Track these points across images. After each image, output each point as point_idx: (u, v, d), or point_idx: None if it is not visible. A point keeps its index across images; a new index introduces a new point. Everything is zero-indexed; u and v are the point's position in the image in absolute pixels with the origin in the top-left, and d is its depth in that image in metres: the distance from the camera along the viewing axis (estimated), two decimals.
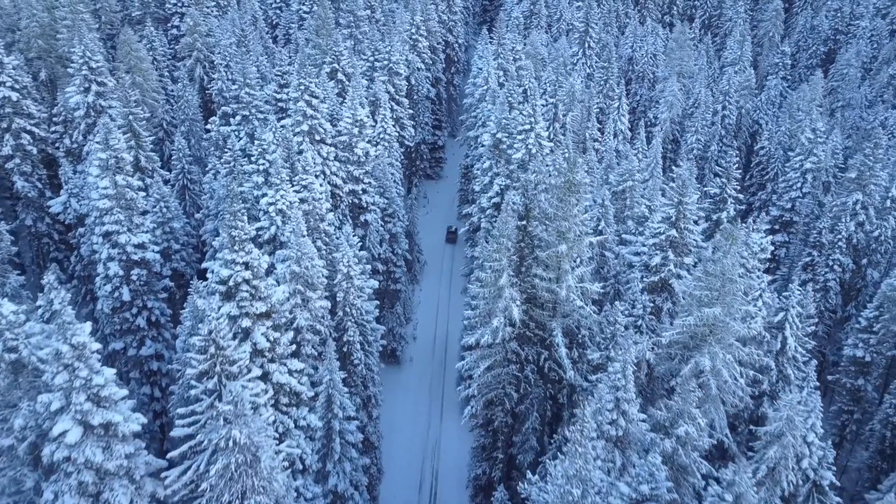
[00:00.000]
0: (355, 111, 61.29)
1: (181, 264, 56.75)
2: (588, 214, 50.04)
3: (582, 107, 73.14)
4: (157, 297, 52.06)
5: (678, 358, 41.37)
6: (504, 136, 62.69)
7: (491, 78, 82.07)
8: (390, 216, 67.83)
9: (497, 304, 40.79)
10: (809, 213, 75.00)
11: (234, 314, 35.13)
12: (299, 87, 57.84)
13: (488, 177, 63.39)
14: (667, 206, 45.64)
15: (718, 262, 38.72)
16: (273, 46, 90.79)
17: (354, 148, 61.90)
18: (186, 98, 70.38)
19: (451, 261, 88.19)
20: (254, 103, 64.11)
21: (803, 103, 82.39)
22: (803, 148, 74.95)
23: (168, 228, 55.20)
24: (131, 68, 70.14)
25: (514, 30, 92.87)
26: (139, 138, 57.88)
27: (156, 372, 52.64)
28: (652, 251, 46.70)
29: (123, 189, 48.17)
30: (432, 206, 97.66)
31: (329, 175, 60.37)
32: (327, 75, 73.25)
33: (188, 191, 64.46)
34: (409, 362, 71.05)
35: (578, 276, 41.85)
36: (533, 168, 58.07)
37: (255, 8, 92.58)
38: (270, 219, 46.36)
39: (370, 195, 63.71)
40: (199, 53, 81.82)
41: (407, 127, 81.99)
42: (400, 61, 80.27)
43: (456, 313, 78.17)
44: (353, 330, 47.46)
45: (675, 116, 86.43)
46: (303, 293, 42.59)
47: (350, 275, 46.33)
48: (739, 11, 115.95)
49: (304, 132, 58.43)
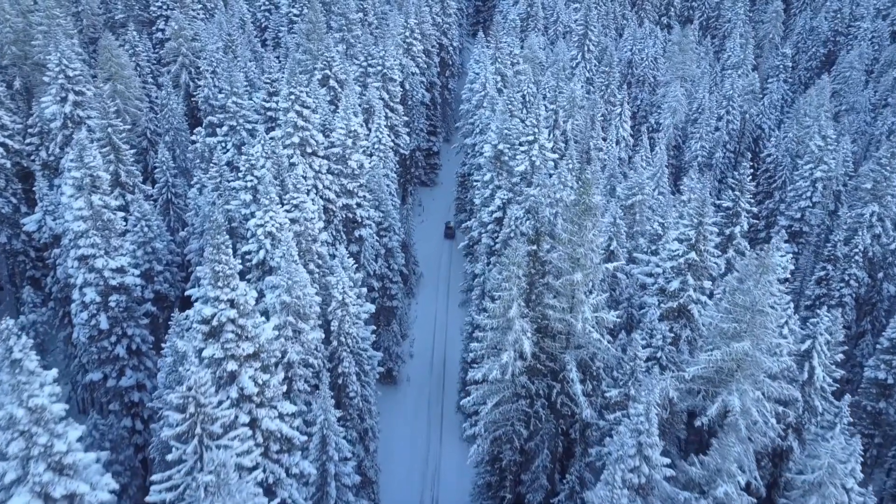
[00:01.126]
0: (349, 121, 57.49)
1: (164, 286, 52.82)
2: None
3: (585, 114, 69.49)
4: (138, 323, 48.19)
5: (702, 394, 37.86)
6: (505, 147, 59.02)
7: (489, 83, 78.39)
8: (386, 230, 64.11)
9: (506, 336, 37.14)
10: (820, 224, 71.77)
11: (219, 357, 31.35)
12: (289, 97, 53.99)
13: (489, 190, 59.72)
14: (685, 228, 42.02)
15: (748, 293, 35.21)
16: (262, 51, 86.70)
17: (348, 160, 58.11)
18: (170, 106, 66.36)
19: (448, 268, 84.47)
20: (241, 113, 60.21)
21: (810, 109, 79.05)
22: (813, 156, 71.63)
23: (150, 249, 51.26)
24: (112, 76, 66.04)
25: (510, 33, 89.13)
26: (119, 152, 53.88)
27: (137, 403, 48.78)
28: (669, 275, 43.12)
29: (100, 210, 44.27)
30: (427, 214, 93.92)
31: (322, 189, 56.56)
32: (318, 82, 69.32)
33: (172, 205, 60.50)
34: (407, 382, 67.33)
35: (594, 305, 38.25)
36: (537, 182, 54.47)
37: (242, 11, 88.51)
38: (259, 242, 42.55)
39: (365, 209, 59.93)
40: (185, 59, 77.76)
41: (402, 134, 78.23)
42: (394, 66, 76.49)
43: (454, 327, 74.54)
44: (348, 360, 43.72)
45: (679, 122, 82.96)
46: (294, 325, 38.83)
47: (345, 301, 42.57)
48: (739, 13, 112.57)
49: (295, 144, 54.59)
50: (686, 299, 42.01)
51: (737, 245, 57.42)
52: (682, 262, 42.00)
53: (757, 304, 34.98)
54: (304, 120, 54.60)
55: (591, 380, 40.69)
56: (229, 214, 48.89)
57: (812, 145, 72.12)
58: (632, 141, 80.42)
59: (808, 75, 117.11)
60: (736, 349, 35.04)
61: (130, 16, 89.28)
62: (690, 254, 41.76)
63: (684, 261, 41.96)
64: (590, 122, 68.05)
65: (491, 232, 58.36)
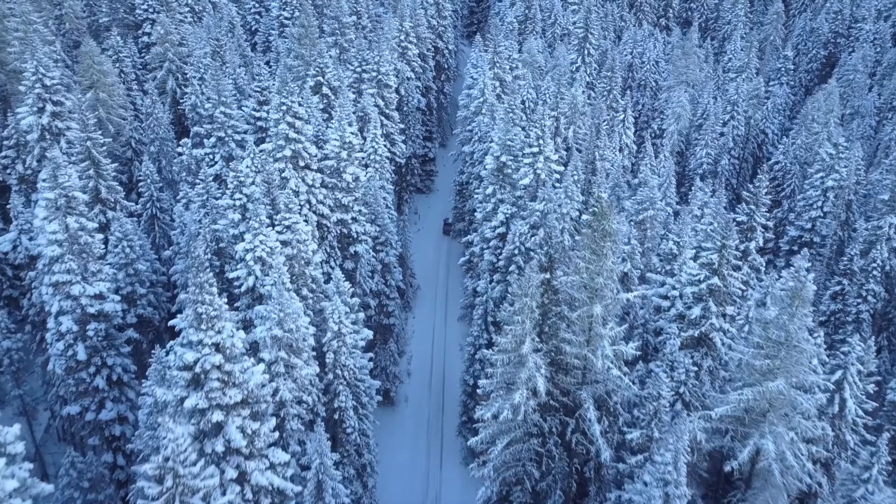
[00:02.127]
0: (343, 132, 53.96)
1: (148, 310, 49.18)
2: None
3: (591, 123, 66.08)
4: (119, 351, 44.60)
5: (730, 434, 34.64)
6: (509, 159, 55.63)
7: (487, 89, 74.92)
8: (382, 244, 60.64)
9: (519, 373, 33.78)
10: (832, 235, 68.66)
11: (202, 407, 27.85)
12: (280, 108, 50.42)
13: (491, 203, 56.34)
14: (707, 252, 38.70)
15: (782, 327, 31.97)
16: (252, 55, 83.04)
17: (343, 173, 54.60)
18: (156, 115, 62.58)
19: (446, 277, 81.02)
20: (230, 123, 56.62)
21: (819, 115, 75.96)
22: (823, 164, 68.48)
23: (132, 271, 47.60)
24: (94, 83, 62.23)
25: (508, 36, 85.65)
26: (99, 166, 50.18)
27: (118, 437, 45.21)
28: (688, 300, 39.89)
29: (76, 233, 40.65)
30: (423, 223, 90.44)
31: (315, 204, 53.06)
32: (311, 89, 65.75)
33: (158, 220, 56.83)
34: (405, 402, 63.86)
35: (612, 337, 34.92)
36: (542, 195, 51.11)
37: (232, 14, 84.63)
38: (248, 268, 39.00)
39: (360, 224, 56.44)
40: (171, 64, 73.98)
41: (397, 143, 74.71)
42: (389, 72, 72.93)
43: (453, 342, 71.26)
44: (345, 394, 40.31)
45: (683, 129, 79.73)
46: (286, 360, 35.38)
47: (341, 332, 39.13)
48: (739, 15, 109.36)
49: (287, 158, 51.05)
50: (708, 328, 38.75)
51: (752, 261, 54.28)
52: (704, 287, 38.74)
53: (792, 338, 31.77)
54: (296, 132, 51.07)
55: (608, 415, 37.40)
56: (216, 234, 45.34)
57: (822, 153, 69.00)
58: (635, 148, 77.11)
59: (809, 77, 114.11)
60: (770, 388, 31.84)
61: (115, 19, 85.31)
62: (713, 279, 38.52)
63: (706, 286, 38.70)
64: (595, 130, 64.65)
65: (493, 248, 55.01)
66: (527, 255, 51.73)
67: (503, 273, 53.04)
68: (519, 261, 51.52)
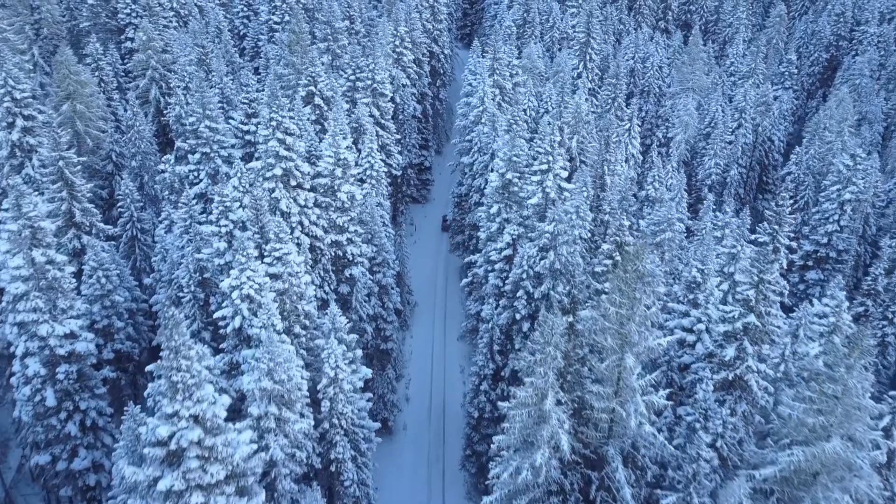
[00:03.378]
0: (338, 148, 49.61)
1: (127, 344, 44.75)
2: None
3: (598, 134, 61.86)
4: (93, 393, 40.24)
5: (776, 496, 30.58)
6: (515, 176, 51.41)
7: (487, 98, 70.66)
8: (379, 265, 56.37)
9: (540, 430, 29.60)
10: (849, 249, 64.82)
11: (179, 489, 23.53)
12: (270, 123, 46.00)
13: (496, 223, 52.10)
14: (745, 287, 34.59)
15: (838, 381, 27.90)
16: (240, 61, 78.55)
17: (337, 192, 50.27)
18: (137, 128, 58.05)
19: (444, 290, 76.74)
20: (216, 138, 52.14)
21: (832, 123, 72.08)
22: (840, 175, 64.57)
23: (108, 302, 43.17)
24: (71, 94, 57.57)
25: (507, 41, 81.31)
26: (73, 188, 45.70)
27: (93, 486, 40.82)
28: (721, 339, 35.81)
29: (43, 267, 36.25)
30: (420, 234, 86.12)
31: (308, 226, 48.73)
32: (302, 99, 61.39)
33: (138, 242, 52.38)
34: (403, 431, 59.61)
35: (643, 388, 30.78)
36: (552, 216, 46.84)
37: (219, 18, 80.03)
38: (235, 307, 34.63)
39: (356, 245, 52.13)
40: (155, 72, 69.30)
41: (393, 154, 70.35)
42: (385, 80, 68.55)
43: (453, 364, 67.11)
44: (342, 444, 36.08)
45: (690, 137, 75.72)
46: (277, 415, 31.09)
47: (337, 377, 34.85)
48: (741, 17, 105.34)
49: (277, 177, 46.68)
50: (744, 370, 34.67)
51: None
52: (739, 325, 34.66)
53: (851, 394, 27.72)
54: (286, 149, 46.68)
55: (635, 469, 33.31)
56: (200, 264, 40.94)
57: (839, 164, 65.10)
58: (640, 158, 73.03)
59: (811, 81, 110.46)
60: (825, 449, 27.79)
61: (96, 24, 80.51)
62: (749, 317, 34.42)
63: (741, 324, 34.62)
64: (604, 143, 60.47)
65: (499, 271, 50.76)
66: (536, 279, 47.63)
67: (510, 298, 48.82)
68: (527, 286, 47.36)
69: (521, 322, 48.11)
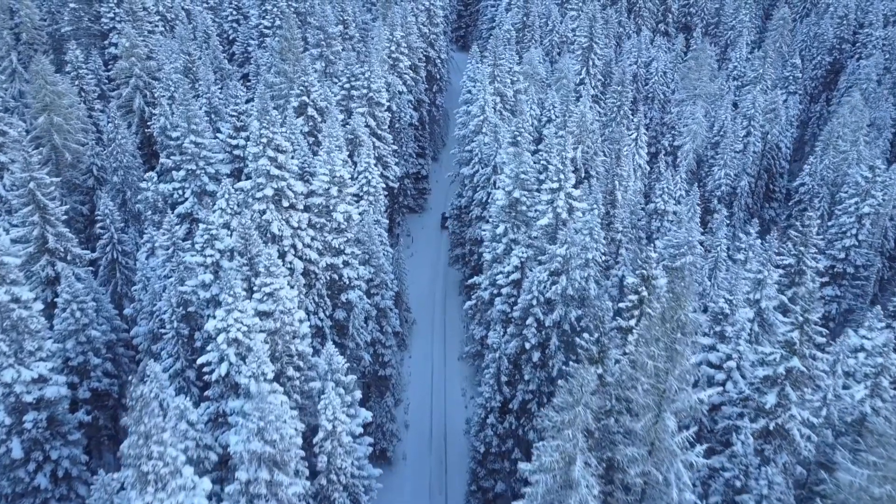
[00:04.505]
0: (333, 165, 45.67)
1: (104, 381, 40.73)
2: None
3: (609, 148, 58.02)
4: (66, 440, 36.22)
5: None
6: (523, 194, 47.61)
7: (487, 106, 66.78)
8: (377, 287, 52.50)
9: (567, 498, 25.81)
10: (868, 265, 61.40)
11: None
12: (260, 140, 42.01)
13: (502, 244, 48.32)
14: (788, 328, 30.92)
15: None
16: (229, 67, 74.34)
17: (333, 212, 46.36)
18: (118, 142, 53.98)
19: (443, 309, 72.87)
20: (202, 154, 48.15)
21: (846, 132, 68.57)
22: (858, 188, 61.10)
23: (84, 338, 39.15)
24: (47, 106, 53.51)
25: (507, 45, 77.34)
26: (45, 211, 41.63)
27: None
28: (760, 384, 32.15)
29: (7, 306, 32.21)
30: (417, 246, 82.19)
31: (301, 249, 44.83)
32: (295, 110, 57.46)
33: (119, 266, 48.43)
34: (403, 461, 55.71)
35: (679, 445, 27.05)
36: (564, 238, 43.05)
37: (207, 23, 75.89)
38: (220, 352, 30.71)
39: (353, 268, 48.25)
40: (139, 80, 65.14)
41: (390, 165, 66.46)
42: (381, 88, 64.57)
43: (454, 386, 63.26)
44: (340, 501, 32.19)
45: (698, 146, 72.09)
46: (268, 479, 27.22)
47: (336, 430, 30.98)
48: (744, 21, 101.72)
49: (268, 198, 42.72)
50: (786, 419, 31.01)
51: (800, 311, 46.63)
52: (781, 370, 30.98)
53: None
54: (278, 167, 42.73)
55: None
56: (184, 297, 37.00)
57: (856, 176, 61.65)
58: (647, 168, 69.34)
59: (814, 85, 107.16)
60: None
61: (79, 28, 76.28)
62: (792, 360, 30.76)
63: (783, 369, 30.95)
64: (614, 156, 56.70)
65: (507, 296, 47.00)
66: (546, 305, 43.90)
67: (519, 326, 45.07)
68: (537, 312, 43.64)
69: (530, 351, 44.41)
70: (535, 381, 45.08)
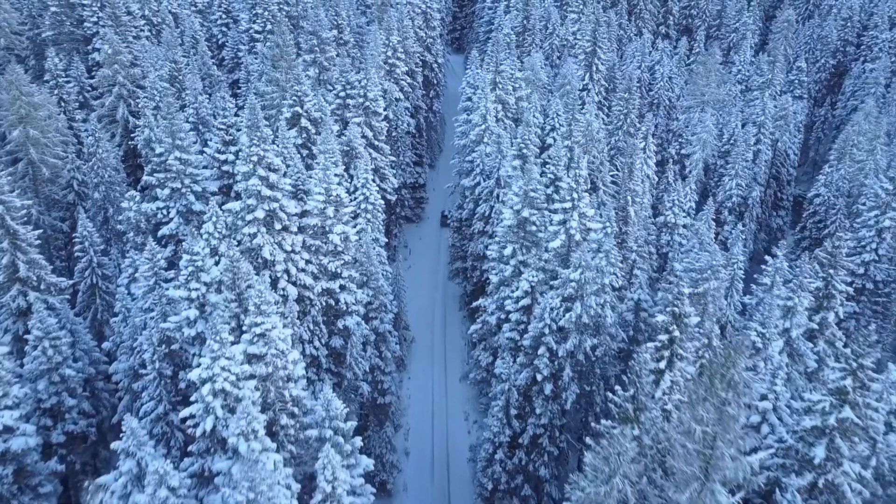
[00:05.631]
0: (329, 184, 42.11)
1: (81, 423, 37.07)
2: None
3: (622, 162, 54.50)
4: (36, 493, 32.60)
5: None
6: (532, 214, 44.16)
7: (489, 115, 63.25)
8: (376, 310, 49.04)
9: None
10: (889, 280, 58.22)
11: None
12: (251, 158, 38.42)
13: (511, 266, 44.86)
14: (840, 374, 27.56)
15: None
16: (218, 74, 70.54)
17: (329, 233, 42.82)
18: (99, 156, 50.30)
19: (442, 325, 69.38)
20: (188, 171, 44.48)
21: (862, 140, 65.40)
22: (878, 200, 57.88)
23: (57, 377, 35.50)
24: (23, 118, 49.75)
25: (508, 50, 73.81)
26: (16, 237, 37.94)
27: None
28: (805, 433, 28.82)
29: None
30: (415, 257, 78.70)
31: (295, 274, 41.27)
32: (287, 121, 53.86)
33: (100, 291, 44.78)
34: (403, 492, 52.26)
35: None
36: (577, 261, 39.66)
37: (195, 27, 72.04)
38: (205, 404, 27.14)
39: (350, 292, 44.73)
40: (122, 89, 61.33)
41: (388, 177, 62.93)
42: (378, 97, 60.98)
43: (455, 410, 59.76)
44: None
45: (708, 156, 68.80)
46: None
47: (335, 492, 27.43)
48: (748, 23, 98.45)
49: (259, 220, 39.13)
50: (837, 474, 27.68)
51: (829, 336, 43.48)
52: (832, 420, 27.65)
53: None
54: (270, 187, 39.15)
55: None
56: (167, 334, 33.41)
57: (876, 187, 58.44)
58: (655, 179, 65.99)
59: (818, 88, 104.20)
60: None
61: (61, 33, 72.31)
62: (843, 410, 27.43)
63: (834, 420, 27.61)
64: (627, 170, 53.28)
65: (516, 323, 43.58)
66: (559, 333, 40.54)
67: (529, 355, 41.70)
68: (549, 341, 40.27)
69: (542, 383, 41.10)
70: (547, 414, 41.74)
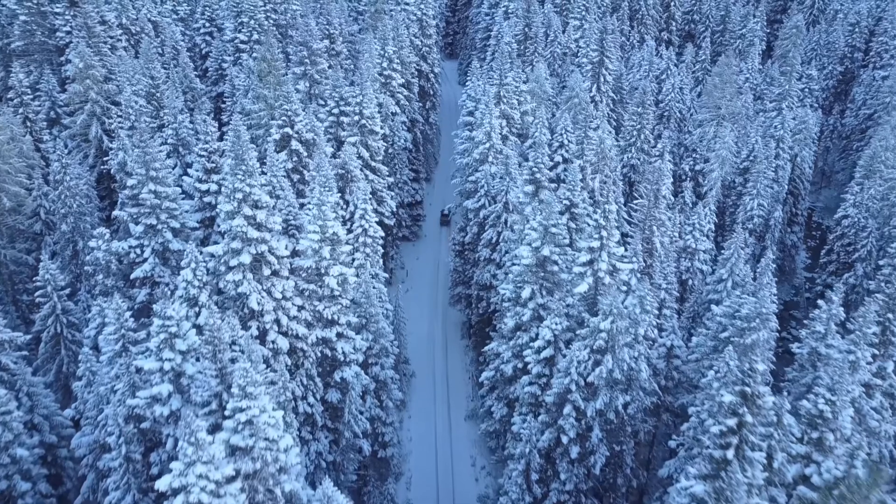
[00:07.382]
0: (324, 221, 36.67)
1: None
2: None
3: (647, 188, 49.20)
4: None
5: None
6: (554, 252, 38.85)
7: (494, 133, 57.96)
8: (377, 355, 43.67)
9: None
10: None
11: None
12: (235, 195, 32.95)
13: (529, 310, 39.55)
14: None
15: None
16: (201, 87, 64.91)
17: (325, 276, 37.39)
18: (67, 184, 44.65)
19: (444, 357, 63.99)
20: (164, 205, 38.86)
21: (890, 156, 60.63)
22: None
23: (7, 458, 29.88)
24: None
25: (512, 61, 68.53)
26: None
27: None
28: None
29: None
30: (413, 279, 73.35)
31: (286, 324, 35.84)
32: (276, 143, 48.37)
33: (65, 342, 39.14)
34: None
35: None
36: (608, 308, 34.42)
37: (176, 37, 66.32)
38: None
39: (348, 340, 39.31)
40: (96, 106, 55.60)
41: (386, 200, 57.54)
42: (374, 115, 55.54)
43: (461, 453, 54.40)
44: None
45: (726, 174, 63.76)
46: None
47: None
48: (755, 30, 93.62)
49: (245, 266, 33.68)
50: None
51: (887, 388, 38.50)
52: None
53: None
54: (257, 228, 33.69)
55: None
56: (136, 411, 27.90)
57: None
58: (672, 200, 60.79)
59: (825, 96, 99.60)
60: None
61: (31, 43, 66.38)
62: None
63: None
64: (652, 196, 48.05)
65: (536, 376, 38.25)
66: (587, 389, 35.35)
67: (553, 414, 36.47)
68: (576, 399, 35.07)
69: (568, 445, 35.86)
70: (573, 479, 36.56)
